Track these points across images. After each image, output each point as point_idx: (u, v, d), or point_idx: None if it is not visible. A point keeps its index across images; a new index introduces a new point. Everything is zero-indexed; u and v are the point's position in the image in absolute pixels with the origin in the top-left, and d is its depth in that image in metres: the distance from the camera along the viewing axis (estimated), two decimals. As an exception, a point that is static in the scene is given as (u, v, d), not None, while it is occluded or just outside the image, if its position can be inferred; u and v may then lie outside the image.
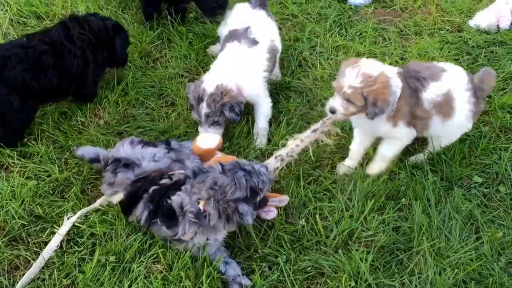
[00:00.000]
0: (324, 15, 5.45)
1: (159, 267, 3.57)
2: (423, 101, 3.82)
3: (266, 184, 3.61)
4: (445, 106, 3.85)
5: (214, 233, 3.53)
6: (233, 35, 4.45)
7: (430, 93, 3.81)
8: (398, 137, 3.97)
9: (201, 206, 3.44)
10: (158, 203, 3.56)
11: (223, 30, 4.70)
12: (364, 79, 3.61)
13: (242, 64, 4.29)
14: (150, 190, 3.61)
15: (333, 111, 3.78)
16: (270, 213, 3.88)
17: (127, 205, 3.71)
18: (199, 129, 4.26)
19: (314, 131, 4.12)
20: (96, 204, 3.85)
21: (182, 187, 3.53)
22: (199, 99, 4.17)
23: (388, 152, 4.04)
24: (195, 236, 3.51)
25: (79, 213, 3.78)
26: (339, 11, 5.52)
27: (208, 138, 4.08)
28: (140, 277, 3.48)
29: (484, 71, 4.06)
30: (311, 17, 5.48)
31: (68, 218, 3.77)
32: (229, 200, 3.44)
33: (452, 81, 3.88)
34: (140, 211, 3.61)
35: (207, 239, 3.52)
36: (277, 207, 3.83)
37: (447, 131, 4.00)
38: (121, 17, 5.30)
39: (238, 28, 4.47)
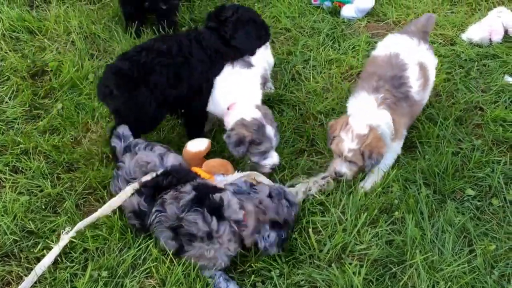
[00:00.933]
0: (317, 29, 5.47)
1: (152, 282, 3.55)
2: (414, 97, 4.06)
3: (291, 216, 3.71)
4: (424, 80, 4.14)
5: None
6: None
7: (415, 84, 4.05)
8: (396, 149, 4.13)
9: (241, 215, 3.49)
10: (203, 195, 3.52)
11: None
12: (359, 140, 3.85)
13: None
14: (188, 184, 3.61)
15: (341, 175, 4.01)
16: None
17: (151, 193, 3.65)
18: (268, 161, 4.11)
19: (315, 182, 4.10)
20: (94, 216, 3.80)
21: (227, 190, 3.58)
22: (261, 127, 3.99)
23: (385, 167, 4.12)
24: (228, 243, 3.50)
25: (76, 227, 3.75)
26: (332, 25, 5.55)
27: (197, 142, 4.11)
28: (133, 292, 3.47)
29: (426, 16, 4.49)
30: (304, 31, 5.50)
31: (67, 233, 3.73)
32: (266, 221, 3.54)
33: (414, 54, 4.18)
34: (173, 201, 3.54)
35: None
36: None
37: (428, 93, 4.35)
38: (114, 30, 5.32)
39: None
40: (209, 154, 4.20)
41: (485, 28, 5.35)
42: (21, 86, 4.81)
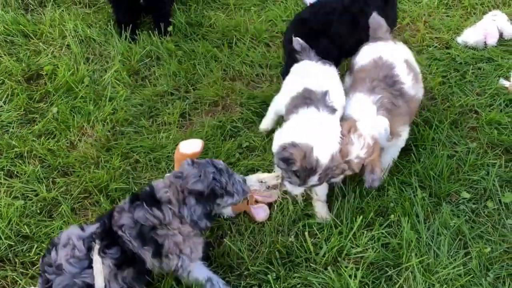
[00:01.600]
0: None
1: None
2: (408, 92, 4.03)
3: (239, 193, 3.47)
4: (414, 74, 4.14)
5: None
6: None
7: (407, 80, 4.04)
8: (399, 144, 4.14)
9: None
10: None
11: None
12: (368, 150, 3.73)
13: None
14: None
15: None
16: (260, 213, 3.95)
17: None
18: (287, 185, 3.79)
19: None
20: None
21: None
22: (311, 171, 3.62)
23: (391, 160, 4.17)
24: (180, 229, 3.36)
25: None
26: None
27: (191, 144, 4.06)
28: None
29: (373, 19, 4.40)
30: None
31: None
32: (187, 189, 3.35)
33: (398, 54, 4.18)
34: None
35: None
36: (268, 204, 3.97)
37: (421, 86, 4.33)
38: (109, 34, 5.32)
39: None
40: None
41: (480, 32, 5.36)
42: (16, 90, 4.81)
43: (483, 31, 5.37)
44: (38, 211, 3.98)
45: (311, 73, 4.09)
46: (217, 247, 3.81)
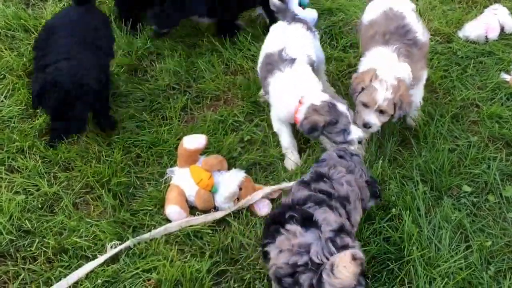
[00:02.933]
0: (315, 26, 5.45)
1: None
2: (422, 39, 4.24)
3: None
4: (420, 19, 4.42)
5: None
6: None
7: (418, 27, 4.26)
8: (420, 91, 4.39)
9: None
10: None
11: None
12: (393, 89, 3.96)
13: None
14: None
15: (369, 126, 4.09)
16: (263, 207, 3.98)
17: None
18: (352, 136, 3.97)
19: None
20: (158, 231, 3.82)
21: None
22: (332, 106, 3.92)
23: (418, 99, 4.39)
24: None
25: (129, 242, 3.75)
26: (329, 22, 5.54)
27: (194, 139, 4.09)
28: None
29: None
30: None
31: (111, 247, 3.72)
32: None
33: (406, 5, 4.42)
34: None
35: None
36: (271, 200, 4.02)
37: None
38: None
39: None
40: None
41: (482, 26, 5.37)
42: (17, 84, 4.80)
43: (484, 25, 5.38)
44: (40, 206, 3.97)
45: (274, 37, 4.41)
46: (221, 240, 3.81)
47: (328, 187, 3.28)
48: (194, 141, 4.06)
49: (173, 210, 3.90)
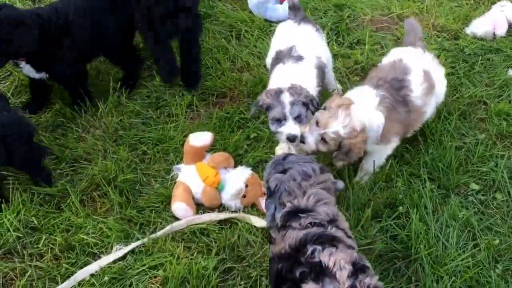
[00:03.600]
0: (321, 23, 5.44)
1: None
2: (414, 102, 3.94)
3: None
4: (428, 85, 4.01)
5: None
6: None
7: (417, 88, 3.95)
8: (381, 155, 4.03)
9: None
10: None
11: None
12: (351, 131, 3.66)
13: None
14: None
15: (303, 142, 3.78)
16: None
17: None
18: (282, 129, 3.87)
19: None
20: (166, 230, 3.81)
21: None
22: (278, 93, 3.85)
23: (374, 167, 4.04)
24: None
25: (130, 247, 3.74)
26: (335, 19, 5.52)
27: (200, 136, 4.09)
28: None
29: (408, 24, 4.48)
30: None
31: (117, 250, 3.72)
32: None
33: (418, 61, 4.09)
34: None
35: None
36: None
37: (440, 98, 4.30)
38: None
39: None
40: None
41: (489, 22, 5.33)
42: (23, 81, 4.79)
43: (492, 21, 5.34)
44: (46, 203, 3.98)
45: (284, 34, 4.38)
46: (228, 237, 3.81)
47: (311, 218, 3.01)
48: (200, 138, 4.06)
49: (179, 206, 3.90)
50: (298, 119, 3.85)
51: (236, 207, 3.99)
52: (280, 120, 3.88)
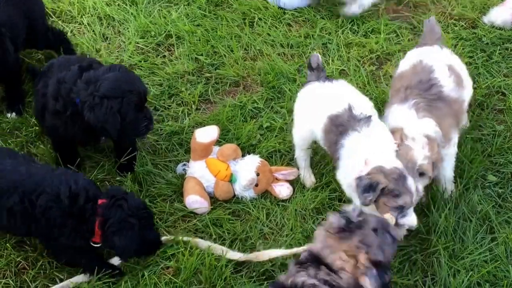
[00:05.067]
0: (335, 11, 5.35)
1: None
2: (450, 95, 3.80)
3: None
4: (456, 76, 3.89)
5: None
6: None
7: (447, 82, 3.81)
8: (451, 154, 3.85)
9: None
10: None
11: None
12: (429, 147, 3.50)
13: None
14: None
15: (420, 195, 3.51)
16: (283, 190, 3.96)
17: None
18: (405, 221, 3.42)
19: None
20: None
21: None
22: (403, 178, 3.34)
23: (451, 172, 3.89)
24: None
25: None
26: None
27: (206, 132, 4.03)
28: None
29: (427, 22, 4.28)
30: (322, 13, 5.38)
31: None
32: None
33: (437, 56, 3.96)
34: None
35: None
36: (289, 182, 3.97)
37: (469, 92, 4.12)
38: (129, 13, 5.24)
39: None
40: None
41: (508, 11, 5.21)
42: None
43: (511, 10, 5.23)
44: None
45: (327, 95, 3.82)
46: (241, 228, 3.80)
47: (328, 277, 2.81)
48: (206, 134, 4.00)
49: (193, 199, 3.88)
50: None
51: (250, 197, 3.96)
52: (402, 209, 3.39)
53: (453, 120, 3.81)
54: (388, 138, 3.58)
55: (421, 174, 3.53)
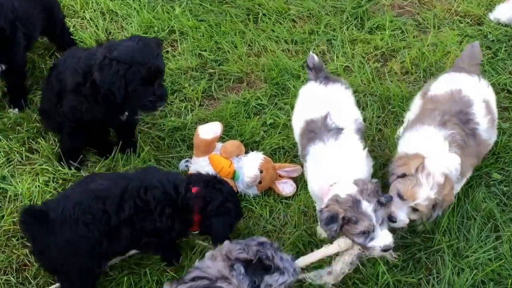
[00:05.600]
0: (340, 7, 5.32)
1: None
2: (481, 136, 3.69)
3: (289, 272, 3.12)
4: (491, 117, 3.77)
5: None
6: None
7: (482, 121, 3.69)
8: (463, 182, 3.81)
9: None
10: None
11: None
12: (439, 189, 3.40)
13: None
14: None
15: (394, 221, 3.46)
16: (287, 187, 3.95)
17: None
18: (375, 243, 3.27)
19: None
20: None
21: None
22: (356, 203, 3.23)
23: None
24: None
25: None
26: (355, 3, 5.39)
27: (209, 128, 4.01)
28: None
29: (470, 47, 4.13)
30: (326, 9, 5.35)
31: None
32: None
33: (477, 90, 3.80)
34: None
35: None
36: (293, 179, 3.95)
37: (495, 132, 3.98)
38: (132, 8, 5.21)
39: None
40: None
41: (514, 8, 5.20)
42: (37, 63, 4.74)
43: (517, 7, 5.21)
44: (61, 188, 3.93)
45: (314, 97, 3.81)
46: (244, 225, 3.78)
47: None
48: (209, 131, 3.98)
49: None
50: (382, 223, 3.31)
51: (253, 194, 3.94)
52: (367, 233, 3.30)
53: (475, 160, 3.75)
54: (353, 155, 3.49)
55: (415, 209, 3.47)
